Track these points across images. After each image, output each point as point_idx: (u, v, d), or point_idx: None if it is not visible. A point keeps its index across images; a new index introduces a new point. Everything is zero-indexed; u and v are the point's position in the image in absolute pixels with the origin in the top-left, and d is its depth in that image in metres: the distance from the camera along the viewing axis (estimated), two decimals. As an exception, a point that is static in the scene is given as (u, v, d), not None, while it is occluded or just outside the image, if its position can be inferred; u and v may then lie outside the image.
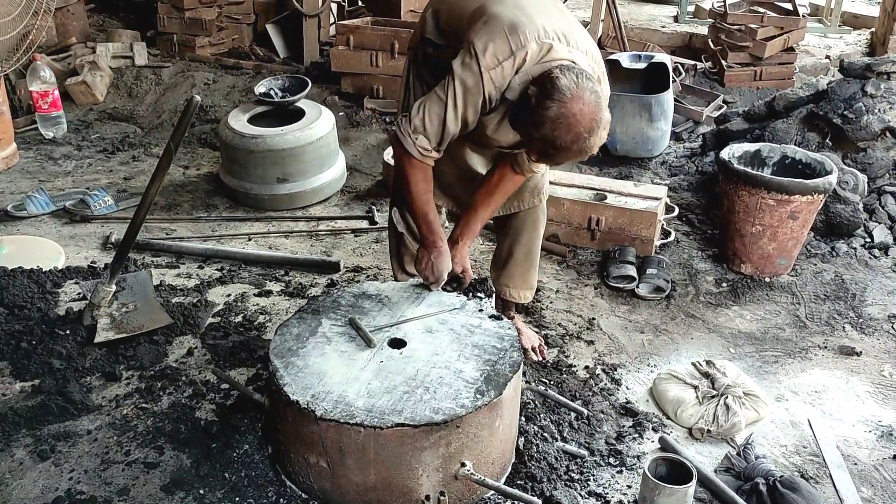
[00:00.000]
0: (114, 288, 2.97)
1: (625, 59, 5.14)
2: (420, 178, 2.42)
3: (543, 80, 2.13)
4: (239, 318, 3.22)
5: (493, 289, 2.84)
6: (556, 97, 2.08)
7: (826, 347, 3.24)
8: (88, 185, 4.45)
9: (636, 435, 2.67)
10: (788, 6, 6.27)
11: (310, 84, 4.48)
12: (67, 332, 2.91)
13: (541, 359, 3.01)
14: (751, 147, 3.88)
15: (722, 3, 6.31)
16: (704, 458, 2.58)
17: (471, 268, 2.70)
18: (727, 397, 2.71)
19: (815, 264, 3.80)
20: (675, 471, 2.30)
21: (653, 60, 5.07)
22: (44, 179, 4.52)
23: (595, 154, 2.22)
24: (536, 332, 3.16)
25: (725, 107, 5.62)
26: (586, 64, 2.24)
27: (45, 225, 4.00)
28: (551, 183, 3.98)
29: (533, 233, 2.92)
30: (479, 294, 2.64)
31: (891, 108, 4.19)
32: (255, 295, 3.41)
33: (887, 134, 4.19)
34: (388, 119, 5.40)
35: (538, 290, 3.51)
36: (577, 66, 2.17)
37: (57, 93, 5.02)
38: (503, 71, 2.20)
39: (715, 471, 2.49)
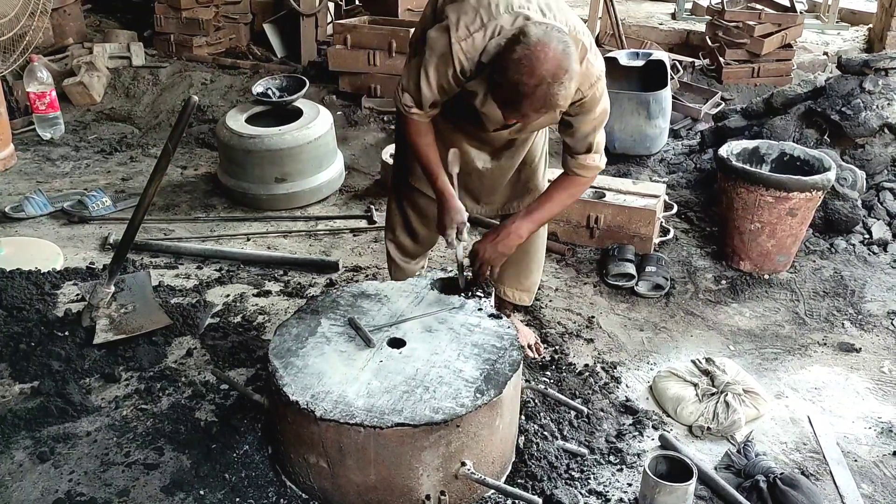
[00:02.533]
0: (112, 289, 2.96)
1: (622, 57, 5.14)
2: (414, 131, 2.48)
3: (515, 31, 2.15)
4: (238, 319, 3.22)
5: (493, 288, 2.83)
6: (522, 41, 2.09)
7: (825, 344, 3.24)
8: (86, 186, 4.44)
9: (636, 433, 2.67)
10: (786, 3, 6.27)
11: (307, 83, 4.48)
12: (66, 333, 2.91)
13: (537, 356, 3.01)
14: (749, 144, 3.88)
15: (719, 1, 6.31)
16: (705, 455, 2.58)
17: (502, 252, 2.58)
18: (727, 395, 2.71)
19: (814, 261, 3.81)
20: (675, 468, 2.30)
21: (650, 58, 5.07)
22: (41, 181, 4.52)
23: (563, 108, 2.20)
24: (533, 331, 3.16)
25: (723, 104, 5.62)
26: (563, 22, 2.24)
27: (43, 226, 3.99)
28: (549, 181, 4.00)
29: (533, 234, 2.86)
30: (478, 294, 2.63)
31: (889, 104, 4.19)
32: (254, 295, 3.41)
33: (885, 130, 4.19)
34: (385, 118, 5.40)
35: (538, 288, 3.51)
36: (550, 23, 2.17)
37: (54, 94, 5.02)
38: (474, 42, 2.23)
39: (715, 468, 2.49)
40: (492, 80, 2.21)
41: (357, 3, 6.76)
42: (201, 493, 2.26)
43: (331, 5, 6.49)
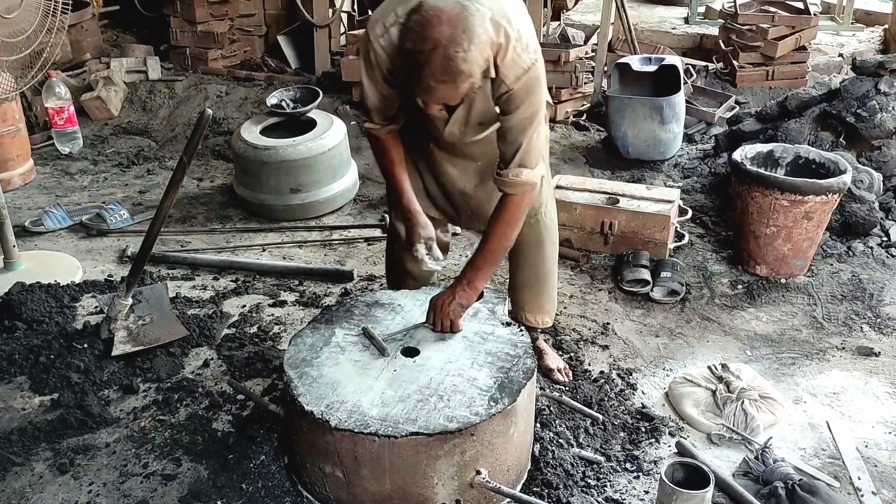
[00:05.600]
0: (130, 301, 2.99)
1: (635, 62, 5.13)
2: (375, 147, 2.51)
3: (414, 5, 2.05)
4: (254, 329, 3.24)
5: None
6: (417, 12, 1.99)
7: (844, 348, 3.21)
8: (104, 199, 4.49)
9: (652, 440, 2.65)
10: (800, 5, 6.23)
11: (321, 94, 4.51)
12: (85, 345, 2.94)
13: (565, 379, 2.92)
14: (764, 148, 3.86)
15: (732, 4, 6.29)
16: (722, 462, 2.56)
17: (451, 322, 2.42)
18: (744, 401, 2.69)
19: (832, 264, 3.78)
20: (692, 476, 2.28)
21: (664, 63, 5.06)
22: (60, 194, 4.58)
23: (472, 79, 2.02)
24: (561, 355, 3.07)
25: (738, 107, 5.59)
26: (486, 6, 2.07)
27: (62, 239, 4.04)
28: (562, 188, 4.00)
29: (538, 253, 2.78)
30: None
31: (905, 105, 4.15)
32: (269, 305, 3.43)
33: (902, 131, 4.15)
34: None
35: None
36: None
37: (72, 108, 5.08)
38: (391, 37, 2.16)
39: (733, 475, 2.48)
40: (397, 61, 2.10)
41: (370, 13, 6.80)
42: (219, 503, 2.28)
43: (344, 16, 6.53)
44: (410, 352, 2.35)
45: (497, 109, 2.29)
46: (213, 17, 6.24)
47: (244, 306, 3.41)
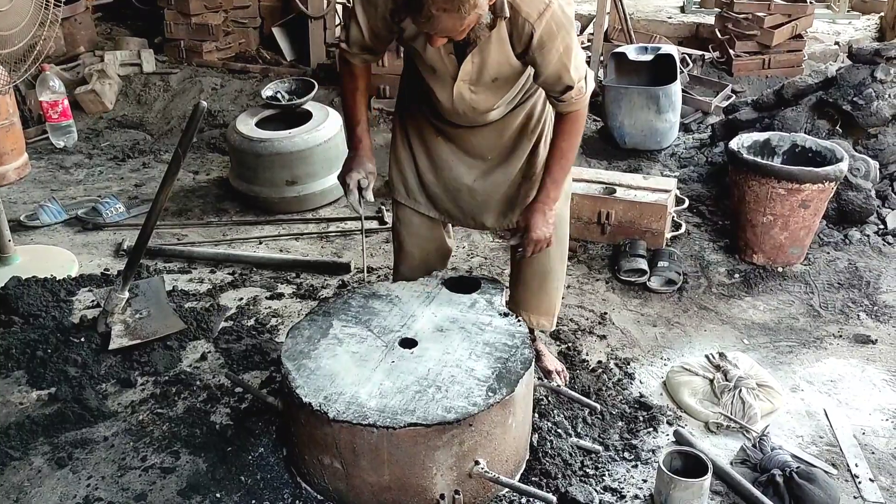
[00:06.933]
0: (127, 294, 2.99)
1: (631, 52, 5.12)
2: (345, 70, 2.50)
3: None
4: (251, 322, 3.23)
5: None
6: None
7: (841, 336, 3.22)
8: (100, 192, 4.48)
9: (650, 429, 2.66)
10: (795, -7, 6.21)
11: (316, 86, 4.49)
12: (82, 339, 2.94)
13: (562, 383, 2.82)
14: (760, 136, 3.85)
15: (728, -8, 6.26)
16: (720, 450, 2.57)
17: (544, 233, 2.42)
18: (741, 389, 2.69)
19: (828, 252, 3.78)
20: (690, 464, 2.30)
21: (660, 52, 5.04)
22: (56, 189, 4.56)
23: (477, 9, 1.95)
24: (559, 359, 3.00)
25: (734, 96, 5.58)
26: None
27: (57, 234, 4.03)
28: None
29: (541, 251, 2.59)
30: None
31: (901, 92, 4.14)
32: (266, 298, 3.42)
33: (898, 119, 4.15)
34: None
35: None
36: None
37: (66, 102, 5.06)
38: None
39: (731, 463, 2.48)
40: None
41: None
42: (217, 495, 2.28)
43: (339, 7, 6.50)
44: (408, 343, 2.35)
45: (522, 63, 2.25)
46: (208, 9, 6.20)
47: (241, 299, 3.41)
